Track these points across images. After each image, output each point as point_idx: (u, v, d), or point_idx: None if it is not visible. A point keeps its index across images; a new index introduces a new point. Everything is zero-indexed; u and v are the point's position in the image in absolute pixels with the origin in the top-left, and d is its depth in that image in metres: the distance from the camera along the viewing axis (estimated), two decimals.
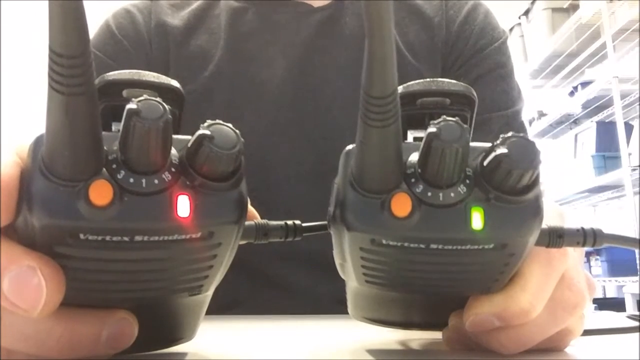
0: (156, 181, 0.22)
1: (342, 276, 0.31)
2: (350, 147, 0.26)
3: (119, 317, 0.25)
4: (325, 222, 0.29)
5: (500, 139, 0.24)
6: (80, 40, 0.20)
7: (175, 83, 0.27)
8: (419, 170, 0.24)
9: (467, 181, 0.24)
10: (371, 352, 0.31)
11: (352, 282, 0.30)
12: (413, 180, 0.24)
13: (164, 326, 0.29)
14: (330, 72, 0.67)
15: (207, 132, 0.22)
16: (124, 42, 0.68)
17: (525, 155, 0.23)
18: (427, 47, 0.69)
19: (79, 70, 0.20)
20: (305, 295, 0.63)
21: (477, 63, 0.69)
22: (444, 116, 0.23)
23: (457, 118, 0.23)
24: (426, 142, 0.23)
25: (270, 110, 0.65)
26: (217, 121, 0.22)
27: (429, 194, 0.24)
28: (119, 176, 0.22)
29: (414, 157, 0.25)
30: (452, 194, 0.24)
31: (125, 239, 0.22)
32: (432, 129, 0.23)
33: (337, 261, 0.29)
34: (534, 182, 0.24)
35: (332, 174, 0.27)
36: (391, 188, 0.24)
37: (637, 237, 0.31)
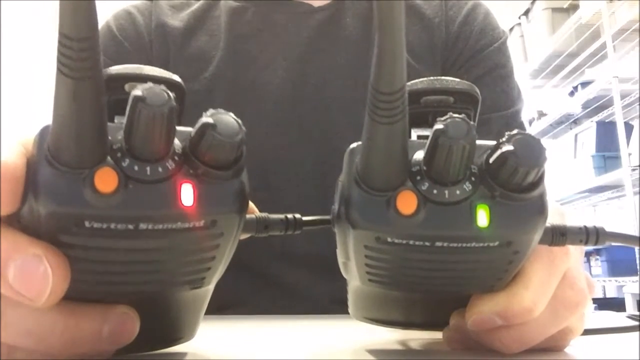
0: (160, 169, 0.22)
1: (345, 275, 0.31)
2: (354, 144, 0.26)
3: (120, 311, 0.25)
4: (325, 217, 0.29)
5: (506, 136, 0.24)
6: (89, 23, 0.20)
7: (176, 78, 0.28)
8: (425, 168, 0.24)
9: (473, 178, 0.24)
10: (371, 352, 0.31)
11: (355, 281, 0.29)
12: (418, 177, 0.24)
13: (164, 324, 0.29)
14: (330, 72, 0.66)
15: (210, 120, 0.22)
16: (125, 44, 0.68)
17: (532, 153, 0.23)
18: (427, 48, 0.68)
19: (87, 53, 0.20)
20: (305, 295, 0.63)
21: (476, 63, 0.69)
22: (451, 113, 0.23)
23: (463, 115, 0.23)
24: (433, 139, 0.23)
25: (270, 111, 0.65)
26: (220, 110, 0.23)
27: (435, 191, 0.24)
28: (124, 164, 0.22)
29: (419, 155, 0.25)
30: (458, 192, 0.24)
31: (130, 226, 0.22)
32: (439, 126, 0.23)
33: (340, 260, 0.29)
34: (539, 180, 0.24)
35: (332, 174, 0.27)
36: (397, 186, 0.24)
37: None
